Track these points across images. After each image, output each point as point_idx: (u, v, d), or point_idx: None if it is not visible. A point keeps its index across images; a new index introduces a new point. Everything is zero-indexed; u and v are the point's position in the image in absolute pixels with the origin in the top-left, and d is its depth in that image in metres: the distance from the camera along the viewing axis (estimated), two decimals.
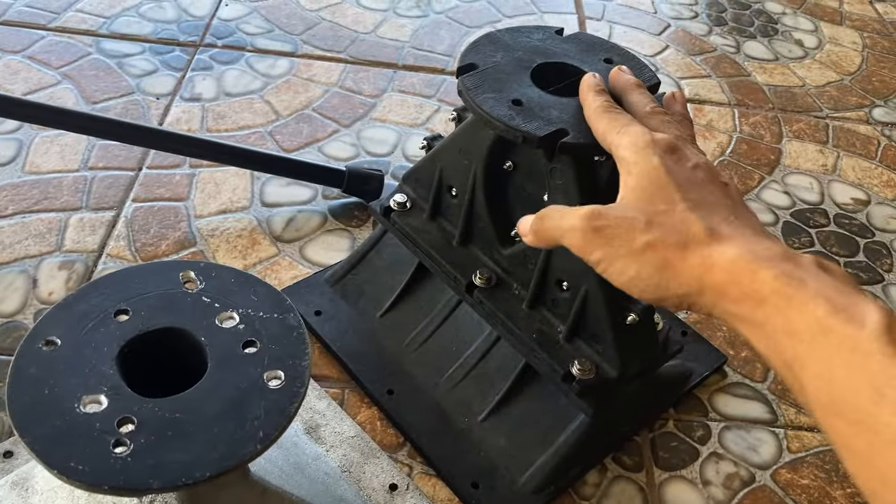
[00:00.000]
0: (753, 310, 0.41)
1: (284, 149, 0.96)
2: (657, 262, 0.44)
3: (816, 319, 0.38)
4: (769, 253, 0.42)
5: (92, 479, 0.43)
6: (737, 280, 0.41)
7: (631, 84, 0.55)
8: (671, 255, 0.44)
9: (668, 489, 0.69)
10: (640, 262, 0.44)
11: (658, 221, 0.45)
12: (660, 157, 0.46)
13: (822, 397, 0.38)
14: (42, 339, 0.49)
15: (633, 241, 0.45)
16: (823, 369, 0.37)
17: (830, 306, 0.38)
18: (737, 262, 0.42)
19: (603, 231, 0.46)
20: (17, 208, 0.84)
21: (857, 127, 1.12)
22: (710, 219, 0.44)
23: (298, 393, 0.48)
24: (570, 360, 0.62)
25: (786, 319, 0.39)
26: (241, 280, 0.54)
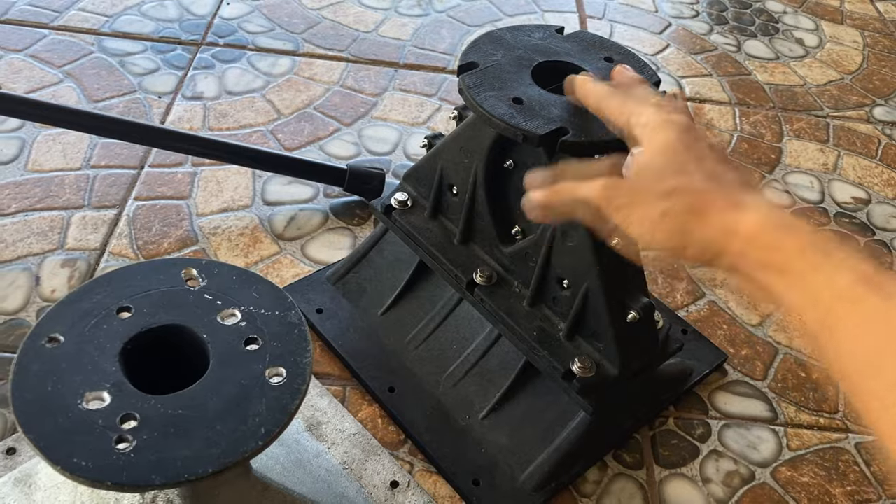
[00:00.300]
0: (777, 277, 0.41)
1: (286, 147, 0.96)
2: (683, 208, 0.44)
3: (844, 287, 0.38)
4: (793, 222, 0.42)
5: (95, 476, 0.43)
6: (763, 245, 0.41)
7: (635, 80, 0.55)
8: (698, 202, 0.44)
9: (668, 487, 0.69)
10: (666, 208, 0.44)
11: (678, 190, 0.45)
12: (677, 133, 0.46)
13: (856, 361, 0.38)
14: (45, 336, 0.49)
15: (658, 185, 0.45)
16: (853, 337, 0.38)
17: (857, 274, 0.38)
18: (763, 226, 0.42)
19: (626, 181, 0.46)
20: (20, 206, 0.85)
21: (858, 126, 1.12)
22: (730, 191, 0.44)
23: (300, 390, 0.48)
24: (571, 358, 0.62)
25: (814, 287, 0.39)
26: (242, 278, 0.55)
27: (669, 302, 0.84)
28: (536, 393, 0.68)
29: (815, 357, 0.42)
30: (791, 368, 0.79)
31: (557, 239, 0.61)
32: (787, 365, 0.80)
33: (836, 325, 0.38)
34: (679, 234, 0.44)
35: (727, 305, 0.84)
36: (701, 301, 0.84)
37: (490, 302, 0.66)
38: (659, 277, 0.86)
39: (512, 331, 0.65)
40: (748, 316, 0.84)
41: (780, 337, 0.82)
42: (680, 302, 0.84)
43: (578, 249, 0.60)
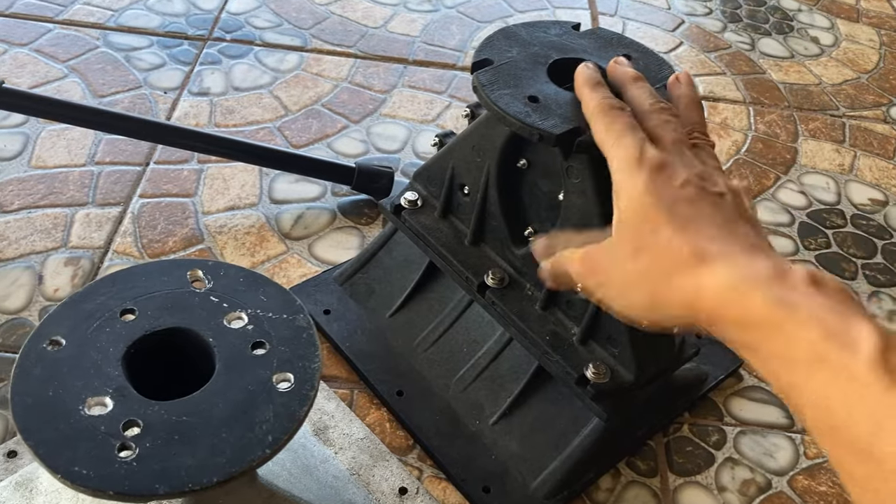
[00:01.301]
0: (744, 335, 0.40)
1: (293, 145, 0.94)
2: (647, 291, 0.44)
3: (810, 345, 0.36)
4: (758, 273, 0.40)
5: (96, 485, 0.42)
6: (726, 306, 0.40)
7: (629, 77, 0.53)
8: (659, 284, 0.43)
9: (682, 495, 0.67)
10: (632, 292, 0.45)
11: (645, 246, 0.44)
12: (645, 177, 0.45)
13: (820, 426, 0.37)
14: (47, 338, 0.48)
15: (623, 273, 0.45)
16: (820, 399, 0.36)
17: (823, 330, 0.36)
18: (724, 286, 0.40)
19: (597, 269, 0.48)
20: (23, 203, 0.83)
21: (875, 126, 1.10)
22: (697, 239, 0.43)
23: (308, 396, 0.47)
24: (585, 364, 0.60)
25: (778, 346, 0.38)
26: (249, 280, 0.53)
27: None
28: (548, 398, 0.66)
29: None
30: None
31: None
32: None
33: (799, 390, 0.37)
34: (651, 315, 0.45)
35: None
36: None
37: (501, 305, 0.64)
38: None
39: (524, 334, 0.63)
40: None
41: None
42: None
43: None
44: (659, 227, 0.44)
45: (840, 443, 0.36)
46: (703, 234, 0.43)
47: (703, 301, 0.41)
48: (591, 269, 0.48)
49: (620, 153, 0.47)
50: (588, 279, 0.48)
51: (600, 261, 0.47)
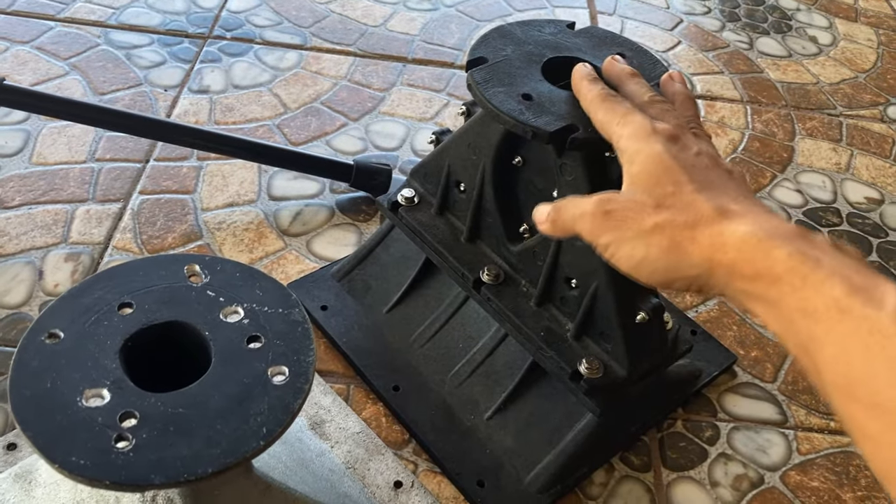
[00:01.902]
0: (767, 288, 0.39)
1: (292, 142, 0.95)
2: (666, 244, 0.43)
3: (833, 299, 0.37)
4: (782, 230, 0.40)
5: (93, 474, 0.42)
6: (749, 258, 0.40)
7: (626, 73, 0.54)
8: (680, 235, 0.43)
9: (675, 490, 0.68)
10: (649, 244, 0.44)
11: (666, 203, 0.44)
12: (662, 144, 0.46)
13: (838, 379, 0.37)
14: (45, 331, 0.48)
15: (641, 223, 0.44)
16: (840, 351, 0.36)
17: (848, 285, 0.37)
18: (748, 239, 0.40)
19: (612, 214, 0.45)
20: (24, 199, 0.84)
21: (872, 125, 1.11)
22: (719, 198, 0.43)
23: (302, 389, 0.48)
24: (578, 359, 0.61)
25: (801, 298, 0.38)
26: (246, 274, 0.54)
27: (678, 302, 0.83)
28: (543, 394, 0.67)
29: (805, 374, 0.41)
30: (801, 371, 0.78)
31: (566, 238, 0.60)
32: (798, 367, 0.78)
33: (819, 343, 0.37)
34: (664, 271, 0.44)
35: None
36: (710, 301, 0.83)
37: (497, 301, 0.65)
38: None
39: (519, 330, 0.64)
40: None
41: None
42: (689, 302, 0.83)
43: (587, 249, 0.58)
44: (681, 186, 0.44)
45: (857, 397, 0.36)
46: (724, 195, 0.44)
47: (725, 253, 0.41)
48: (605, 219, 0.46)
49: (629, 128, 0.47)
50: (600, 229, 0.46)
51: (615, 211, 0.45)
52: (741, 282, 0.41)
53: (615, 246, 0.45)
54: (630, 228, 0.44)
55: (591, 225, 0.46)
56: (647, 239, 0.44)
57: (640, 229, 0.44)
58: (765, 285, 0.40)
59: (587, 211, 0.46)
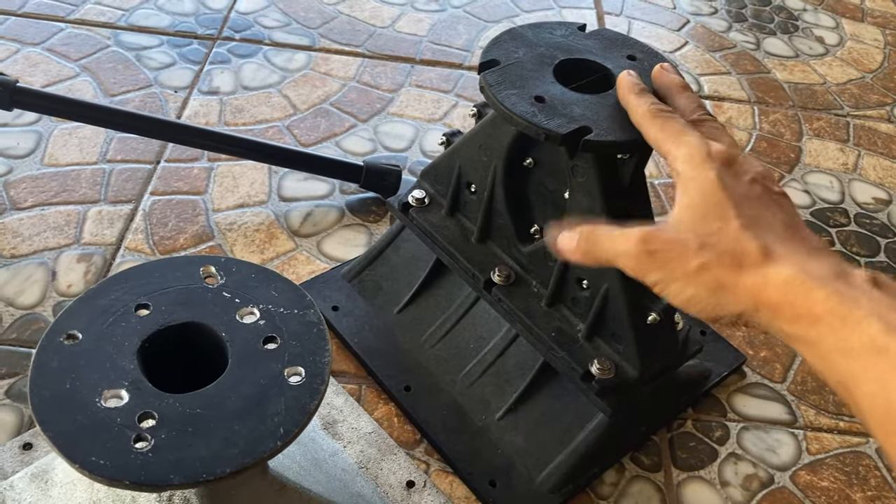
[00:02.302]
0: (807, 329, 0.41)
1: (302, 143, 0.96)
2: (711, 284, 0.44)
3: (870, 338, 0.38)
4: (822, 272, 0.41)
5: (113, 474, 0.43)
6: (790, 300, 0.41)
7: (676, 85, 0.54)
8: (725, 277, 0.43)
9: (686, 489, 0.68)
10: (695, 284, 0.44)
11: (711, 242, 0.44)
12: (717, 171, 0.46)
13: (877, 414, 0.38)
14: (63, 332, 0.49)
15: (686, 264, 0.44)
16: (878, 388, 0.38)
17: (884, 325, 0.38)
18: (790, 282, 0.41)
19: (656, 255, 0.45)
20: (36, 200, 0.85)
21: (879, 125, 1.11)
22: (765, 237, 0.44)
23: (319, 390, 0.48)
24: (590, 360, 0.61)
25: (839, 338, 0.39)
26: (261, 275, 0.54)
27: None
28: (554, 394, 0.67)
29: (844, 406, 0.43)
30: (810, 371, 0.78)
31: None
32: (807, 367, 0.79)
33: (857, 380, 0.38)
34: (711, 309, 0.45)
35: None
36: None
37: (507, 301, 0.65)
38: None
39: (530, 331, 0.64)
40: None
41: None
42: None
43: None
44: (728, 222, 0.44)
45: None
46: (771, 233, 0.44)
47: (768, 296, 0.42)
48: (649, 259, 0.46)
49: (685, 149, 0.47)
50: (645, 269, 0.46)
51: (659, 252, 0.45)
52: (783, 322, 0.42)
53: (663, 284, 0.46)
54: (675, 269, 0.45)
55: (636, 263, 0.46)
56: (693, 279, 0.44)
57: (685, 270, 0.44)
58: (805, 326, 0.41)
59: (630, 251, 0.46)
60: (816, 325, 0.40)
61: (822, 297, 0.40)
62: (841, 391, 0.40)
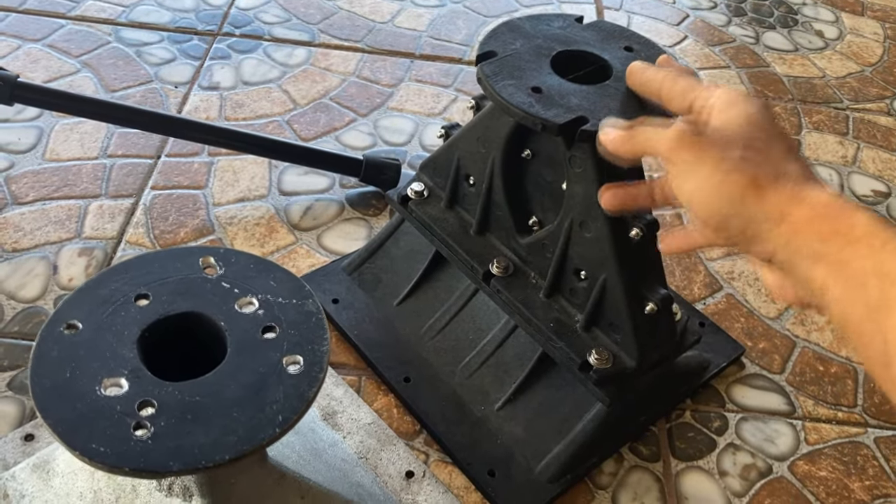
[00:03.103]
0: (841, 249, 0.40)
1: (302, 138, 0.96)
2: (745, 180, 0.43)
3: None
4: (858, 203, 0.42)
5: (113, 461, 0.43)
6: (831, 216, 0.41)
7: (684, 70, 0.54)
8: (762, 177, 0.43)
9: (684, 479, 0.69)
10: (728, 172, 0.44)
11: (756, 147, 0.44)
12: (758, 109, 0.46)
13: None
14: (63, 322, 0.49)
15: (727, 152, 0.44)
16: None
17: None
18: (831, 203, 0.42)
19: (700, 138, 0.45)
20: (38, 195, 0.85)
21: (878, 118, 1.11)
22: (804, 169, 0.44)
23: (317, 378, 0.48)
24: (588, 350, 0.62)
25: (878, 261, 0.39)
26: (260, 266, 0.55)
27: (686, 294, 0.83)
28: (552, 384, 0.68)
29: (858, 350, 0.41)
30: (809, 362, 0.79)
31: (575, 230, 0.61)
32: (805, 358, 0.79)
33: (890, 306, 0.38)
34: (729, 205, 0.44)
35: (745, 298, 0.84)
36: (718, 294, 0.84)
37: (506, 293, 0.65)
38: (676, 269, 0.86)
39: (528, 322, 0.64)
40: (766, 309, 0.83)
41: (798, 330, 0.81)
42: (697, 294, 0.83)
43: (597, 240, 0.60)
44: (772, 142, 0.45)
45: None
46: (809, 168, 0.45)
47: (801, 209, 0.42)
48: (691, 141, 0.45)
49: (724, 89, 0.47)
50: (681, 148, 0.45)
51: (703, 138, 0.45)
52: (812, 238, 0.41)
53: (691, 170, 0.45)
54: (713, 155, 0.44)
55: (675, 143, 0.46)
56: (727, 167, 0.44)
57: (723, 157, 0.44)
58: (839, 246, 0.40)
59: (672, 131, 0.46)
60: (853, 246, 0.40)
61: (865, 221, 0.40)
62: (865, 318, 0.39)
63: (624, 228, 0.59)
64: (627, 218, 0.59)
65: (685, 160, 0.45)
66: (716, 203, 0.44)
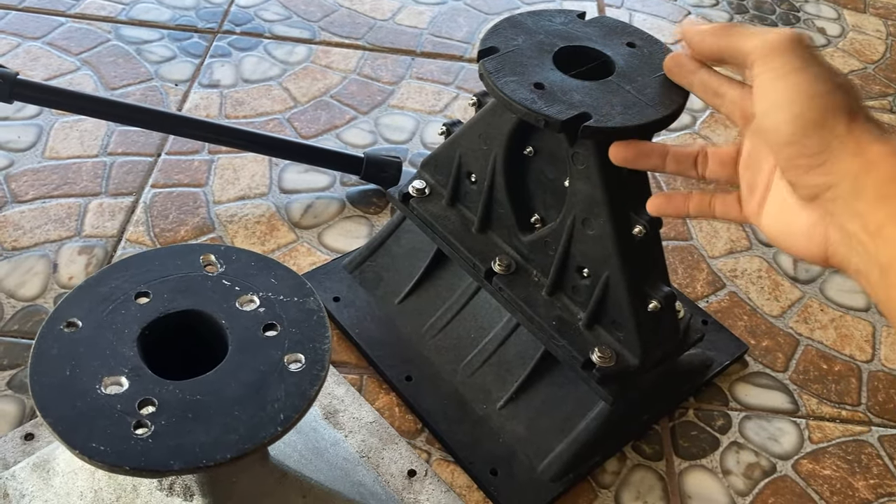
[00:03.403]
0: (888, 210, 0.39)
1: (303, 135, 0.95)
2: (844, 102, 0.42)
3: None
4: None
5: (113, 460, 0.43)
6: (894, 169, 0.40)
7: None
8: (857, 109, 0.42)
9: (687, 478, 0.68)
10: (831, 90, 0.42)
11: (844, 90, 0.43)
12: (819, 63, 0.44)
13: None
14: (63, 320, 0.49)
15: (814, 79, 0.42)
16: None
17: None
18: None
19: (811, 49, 0.43)
20: (38, 193, 0.85)
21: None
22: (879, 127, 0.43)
23: (319, 376, 0.48)
24: (591, 348, 0.61)
25: None
26: (261, 264, 0.54)
27: (689, 292, 0.83)
28: (555, 383, 0.67)
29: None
30: (812, 360, 0.78)
31: (578, 227, 0.60)
32: (809, 356, 0.79)
33: None
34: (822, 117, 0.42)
35: (748, 296, 0.83)
36: (721, 291, 0.83)
37: (508, 290, 0.65)
38: (679, 267, 0.85)
39: (530, 320, 0.64)
40: (769, 307, 0.83)
41: (802, 328, 0.81)
42: (700, 292, 0.83)
43: (599, 238, 0.59)
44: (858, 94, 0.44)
45: None
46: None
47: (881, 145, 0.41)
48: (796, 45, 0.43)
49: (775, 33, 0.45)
50: (784, 50, 0.43)
51: (813, 48, 0.43)
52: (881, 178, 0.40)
53: (790, 72, 0.43)
54: (821, 69, 0.43)
55: (782, 44, 0.44)
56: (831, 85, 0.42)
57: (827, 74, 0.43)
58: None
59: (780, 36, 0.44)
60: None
61: None
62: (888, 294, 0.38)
63: (627, 226, 0.59)
64: (630, 215, 0.58)
65: (788, 63, 0.43)
66: (808, 113, 0.42)
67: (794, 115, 0.42)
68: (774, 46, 0.44)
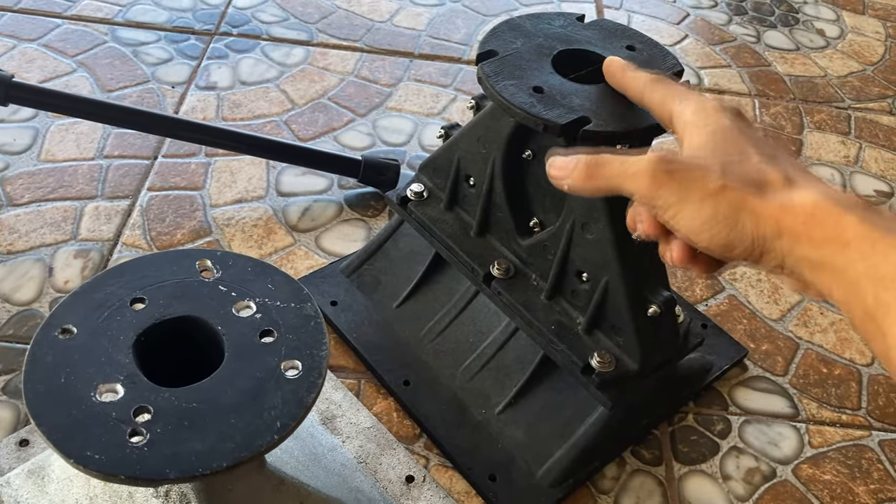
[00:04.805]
0: (835, 254, 0.39)
1: (300, 138, 0.95)
2: (735, 203, 0.42)
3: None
4: (851, 200, 0.40)
5: (108, 469, 0.42)
6: (819, 222, 0.40)
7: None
8: (749, 198, 0.42)
9: (687, 483, 0.68)
10: (715, 204, 0.42)
11: (733, 169, 0.43)
12: (731, 118, 0.46)
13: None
14: (58, 327, 0.49)
15: (707, 184, 0.43)
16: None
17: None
18: (819, 205, 0.40)
19: (675, 174, 0.43)
20: (33, 196, 0.84)
21: (880, 118, 1.10)
22: (786, 169, 0.43)
23: (316, 383, 0.48)
24: (590, 352, 0.61)
25: (870, 265, 0.38)
26: (258, 269, 0.54)
27: (688, 296, 0.82)
28: (554, 388, 0.67)
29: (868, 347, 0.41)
30: (812, 364, 0.78)
31: (577, 231, 0.60)
32: (809, 360, 0.78)
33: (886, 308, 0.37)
34: (728, 231, 0.42)
35: (747, 300, 0.83)
36: (721, 295, 0.83)
37: (507, 295, 0.65)
38: (678, 271, 0.85)
39: (529, 324, 0.64)
40: (769, 310, 0.82)
41: (802, 332, 0.81)
42: (699, 296, 0.83)
43: (599, 242, 0.59)
44: (748, 156, 0.44)
45: None
46: (792, 167, 0.44)
47: (795, 217, 0.41)
48: (667, 178, 0.43)
49: (693, 104, 0.47)
50: (661, 189, 0.43)
51: (678, 171, 0.43)
52: (808, 247, 0.40)
53: (677, 206, 0.43)
54: (696, 189, 0.43)
55: (650, 182, 0.44)
56: (713, 199, 0.42)
57: (706, 190, 0.42)
58: (833, 251, 0.39)
59: (644, 169, 0.44)
60: (845, 251, 0.39)
61: (854, 222, 0.39)
62: (866, 322, 0.38)
63: (626, 230, 0.58)
64: None
65: (667, 199, 0.44)
66: (713, 235, 0.43)
67: (709, 244, 0.43)
68: (647, 186, 0.44)
